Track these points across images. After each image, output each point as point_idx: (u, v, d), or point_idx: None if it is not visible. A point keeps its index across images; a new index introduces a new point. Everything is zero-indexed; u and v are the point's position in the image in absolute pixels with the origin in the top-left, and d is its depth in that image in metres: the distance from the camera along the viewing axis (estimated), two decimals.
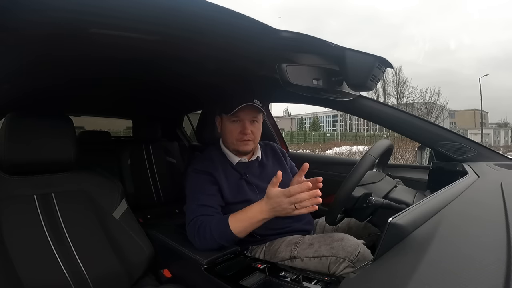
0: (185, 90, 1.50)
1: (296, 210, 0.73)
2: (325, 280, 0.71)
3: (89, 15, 0.54)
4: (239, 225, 0.81)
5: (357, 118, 26.53)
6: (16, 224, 0.79)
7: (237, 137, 0.96)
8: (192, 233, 0.85)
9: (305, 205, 0.72)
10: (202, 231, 0.83)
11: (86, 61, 0.90)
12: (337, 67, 0.85)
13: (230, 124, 0.96)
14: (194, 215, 0.87)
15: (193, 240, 0.86)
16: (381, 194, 0.87)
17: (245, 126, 0.95)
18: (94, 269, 0.84)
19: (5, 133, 0.82)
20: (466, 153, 1.04)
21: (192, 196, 0.91)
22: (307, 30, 1.26)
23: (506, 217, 0.44)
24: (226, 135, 0.98)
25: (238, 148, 0.97)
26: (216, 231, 0.82)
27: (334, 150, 12.24)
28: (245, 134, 0.95)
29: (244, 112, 0.94)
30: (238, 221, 0.81)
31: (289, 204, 0.73)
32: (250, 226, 0.81)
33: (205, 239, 0.83)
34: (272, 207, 0.76)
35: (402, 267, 0.35)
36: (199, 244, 0.84)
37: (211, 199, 0.90)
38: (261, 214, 0.79)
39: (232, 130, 0.96)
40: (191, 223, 0.86)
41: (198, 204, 0.88)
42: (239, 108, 0.91)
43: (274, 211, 0.76)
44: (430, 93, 19.78)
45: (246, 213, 0.81)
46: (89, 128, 2.57)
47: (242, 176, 0.97)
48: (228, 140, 0.98)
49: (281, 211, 0.75)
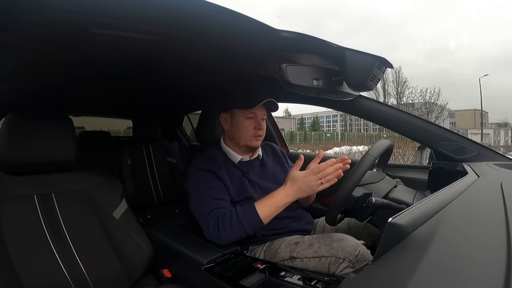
0: (185, 90, 1.50)
1: (321, 186, 0.79)
2: (325, 280, 0.71)
3: (88, 15, 0.54)
4: (266, 210, 0.83)
5: (357, 118, 26.52)
6: (16, 224, 0.79)
7: (252, 133, 0.96)
8: (214, 225, 0.83)
9: (330, 178, 0.79)
10: (228, 221, 0.82)
11: (86, 61, 0.90)
12: (337, 67, 0.85)
13: (245, 120, 0.96)
14: (211, 208, 0.86)
15: (215, 232, 0.83)
16: (381, 194, 0.87)
17: (259, 122, 0.97)
18: (94, 269, 0.84)
19: (5, 133, 0.82)
20: (466, 153, 1.04)
21: (200, 193, 0.90)
22: (307, 31, 1.27)
23: (506, 217, 0.44)
24: (240, 131, 0.97)
25: (251, 143, 0.97)
26: (245, 219, 0.82)
27: (334, 150, 12.24)
28: (260, 129, 0.96)
29: (259, 109, 0.96)
30: (265, 206, 0.83)
31: (316, 180, 0.79)
32: (276, 210, 0.84)
33: (232, 228, 0.82)
34: (299, 188, 0.81)
35: (402, 267, 0.35)
36: (223, 236, 0.83)
37: (223, 193, 0.90)
38: (286, 198, 0.83)
39: (247, 126, 0.96)
40: (209, 216, 0.85)
41: (211, 198, 0.88)
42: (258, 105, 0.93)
43: (300, 191, 0.81)
44: (430, 93, 19.80)
45: (272, 198, 0.84)
46: (89, 128, 2.57)
47: (244, 174, 0.98)
48: (242, 136, 0.97)
49: (307, 190, 0.80)
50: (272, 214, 0.84)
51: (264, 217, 0.83)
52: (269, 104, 0.96)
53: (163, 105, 1.93)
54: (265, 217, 0.83)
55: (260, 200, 0.86)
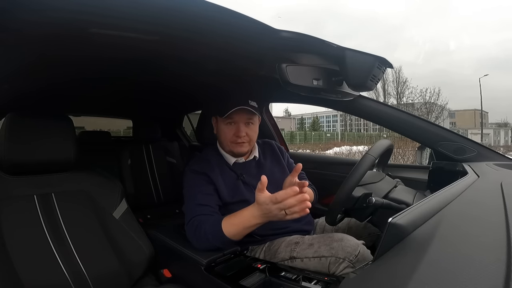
0: (185, 90, 1.50)
1: (288, 216, 0.72)
2: (325, 280, 0.71)
3: (88, 15, 0.54)
4: (232, 229, 0.80)
5: (357, 118, 26.53)
6: (16, 224, 0.79)
7: (231, 139, 0.95)
8: (191, 233, 0.86)
9: (295, 210, 0.71)
10: (198, 232, 0.83)
11: (86, 61, 0.90)
12: (337, 67, 0.85)
13: (225, 126, 0.95)
14: (192, 215, 0.87)
15: (191, 240, 0.86)
16: (381, 194, 0.87)
17: (239, 128, 0.94)
18: (94, 269, 0.84)
19: (5, 133, 0.82)
20: (466, 153, 1.04)
21: (189, 196, 0.91)
22: (306, 32, 1.26)
23: (506, 217, 0.44)
24: (221, 137, 0.98)
25: (233, 149, 0.97)
26: (211, 233, 0.82)
27: (334, 150, 12.23)
28: (239, 136, 0.94)
29: (238, 115, 0.93)
30: (231, 225, 0.81)
31: (278, 210, 0.71)
32: (244, 230, 0.80)
33: (201, 239, 0.83)
34: (263, 213, 0.75)
35: (402, 267, 0.35)
36: (196, 245, 0.85)
37: (208, 198, 0.90)
38: (254, 219, 0.78)
39: (226, 132, 0.95)
40: (190, 223, 0.87)
41: (195, 204, 0.88)
42: (233, 111, 0.91)
43: (266, 216, 0.76)
44: (430, 93, 19.81)
45: (239, 217, 0.80)
46: (89, 128, 2.57)
47: (239, 177, 0.97)
48: (223, 142, 0.98)
49: (273, 217, 0.74)
50: (240, 233, 0.81)
51: (230, 235, 0.80)
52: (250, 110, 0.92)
53: (163, 105, 1.93)
54: (232, 235, 0.80)
55: (229, 216, 0.82)
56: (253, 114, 0.95)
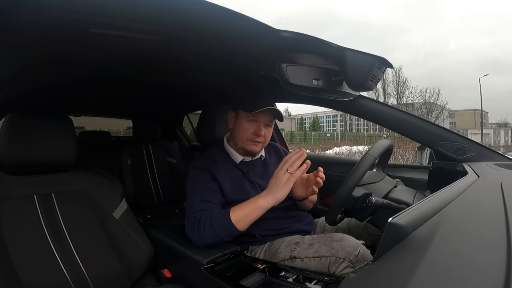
0: (185, 90, 1.50)
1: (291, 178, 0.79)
2: (325, 280, 0.71)
3: (88, 15, 0.54)
4: (239, 213, 0.82)
5: (357, 118, 26.52)
6: (16, 224, 0.79)
7: (249, 137, 0.95)
8: (191, 226, 0.85)
9: (295, 165, 0.79)
10: (202, 224, 0.83)
11: (86, 61, 0.90)
12: (337, 67, 0.85)
13: (246, 123, 0.95)
14: (195, 209, 0.87)
15: (191, 234, 0.85)
16: (381, 194, 0.87)
17: (260, 127, 0.95)
18: (94, 269, 0.84)
19: (5, 133, 0.82)
20: (466, 153, 1.04)
21: (192, 192, 0.91)
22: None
23: (506, 217, 0.44)
24: (239, 132, 0.97)
25: (247, 147, 0.97)
26: (217, 221, 0.82)
27: (334, 150, 12.23)
28: (258, 135, 0.95)
29: (263, 115, 0.94)
30: (238, 209, 0.83)
31: (283, 172, 0.79)
32: (250, 213, 0.82)
33: (204, 231, 0.83)
34: (271, 185, 0.81)
35: (402, 267, 0.35)
36: (197, 238, 0.84)
37: (212, 195, 0.90)
38: (260, 198, 0.82)
39: (246, 129, 0.95)
40: (191, 217, 0.86)
41: (199, 199, 0.88)
42: (261, 110, 0.91)
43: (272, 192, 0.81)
44: (429, 93, 19.81)
45: (247, 202, 0.84)
46: (89, 128, 2.56)
47: (245, 175, 0.98)
48: (239, 137, 0.97)
49: (279, 184, 0.80)
50: (245, 217, 0.82)
51: (236, 220, 0.81)
52: (275, 113, 0.95)
53: (163, 105, 1.93)
54: (237, 220, 0.81)
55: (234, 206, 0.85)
56: (273, 117, 0.98)
